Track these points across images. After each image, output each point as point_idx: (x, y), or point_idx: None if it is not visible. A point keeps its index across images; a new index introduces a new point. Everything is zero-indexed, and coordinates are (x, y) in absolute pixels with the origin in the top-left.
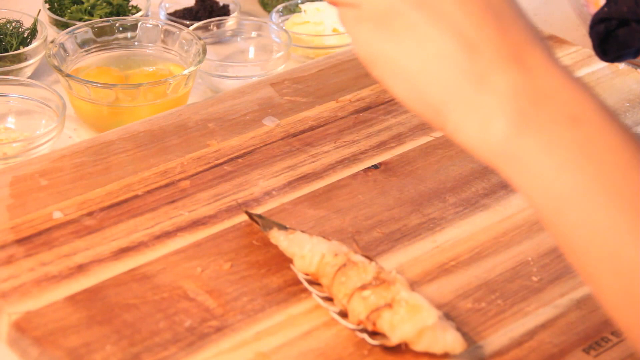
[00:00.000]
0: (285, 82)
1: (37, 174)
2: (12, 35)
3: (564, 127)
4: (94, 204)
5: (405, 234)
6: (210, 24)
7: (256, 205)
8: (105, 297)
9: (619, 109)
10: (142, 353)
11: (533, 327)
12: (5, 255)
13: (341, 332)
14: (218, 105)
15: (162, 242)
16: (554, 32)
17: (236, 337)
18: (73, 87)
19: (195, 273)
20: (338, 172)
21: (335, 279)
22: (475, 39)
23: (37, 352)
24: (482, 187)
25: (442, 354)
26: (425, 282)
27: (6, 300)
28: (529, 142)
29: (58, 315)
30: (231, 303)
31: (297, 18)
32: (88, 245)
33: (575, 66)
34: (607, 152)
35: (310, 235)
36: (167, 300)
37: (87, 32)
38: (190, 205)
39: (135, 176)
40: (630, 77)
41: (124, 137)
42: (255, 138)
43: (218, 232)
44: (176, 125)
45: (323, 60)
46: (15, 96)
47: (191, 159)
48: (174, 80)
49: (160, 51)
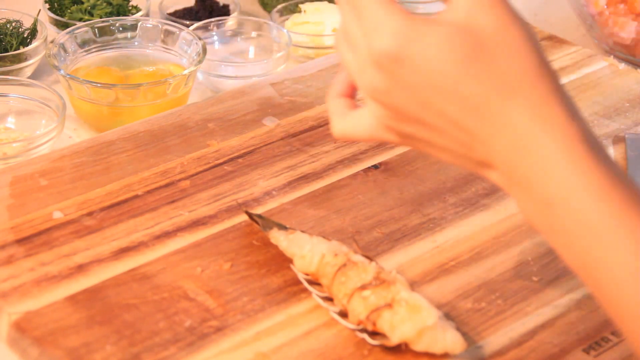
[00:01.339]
0: (285, 82)
1: (37, 174)
2: (12, 35)
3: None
4: (94, 204)
5: (405, 234)
6: (210, 24)
7: (256, 205)
8: (105, 297)
9: (619, 109)
10: (142, 353)
11: (533, 327)
12: (5, 255)
13: (341, 332)
14: (218, 105)
15: (162, 242)
16: (554, 32)
17: (236, 337)
18: (73, 87)
19: (195, 273)
20: (338, 172)
21: (335, 279)
22: (468, 140)
23: (37, 352)
24: (482, 187)
25: (442, 354)
26: (425, 282)
27: (6, 300)
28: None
29: (58, 315)
30: (231, 303)
31: (297, 18)
32: (88, 245)
33: (575, 66)
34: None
35: (310, 235)
36: (167, 300)
37: (87, 32)
38: (190, 205)
39: (135, 176)
40: (630, 77)
41: (124, 137)
42: (255, 138)
43: (218, 232)
44: (176, 125)
45: (323, 60)
46: (15, 96)
47: (191, 159)
48: (174, 80)
49: (160, 51)
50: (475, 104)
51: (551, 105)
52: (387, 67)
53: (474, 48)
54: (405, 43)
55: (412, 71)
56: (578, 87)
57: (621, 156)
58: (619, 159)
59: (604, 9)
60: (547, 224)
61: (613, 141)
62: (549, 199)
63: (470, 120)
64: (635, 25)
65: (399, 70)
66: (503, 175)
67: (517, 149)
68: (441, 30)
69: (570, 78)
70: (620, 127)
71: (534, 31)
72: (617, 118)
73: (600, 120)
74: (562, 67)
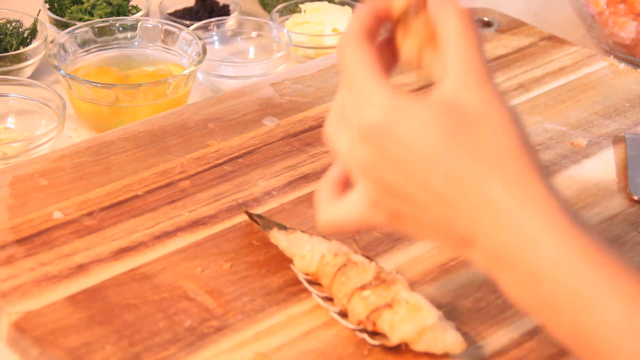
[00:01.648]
0: (285, 82)
1: (37, 174)
2: (12, 35)
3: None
4: (94, 204)
5: (405, 233)
6: (210, 24)
7: (256, 205)
8: (105, 297)
9: (619, 109)
10: (142, 353)
11: (533, 327)
12: (5, 255)
13: (341, 332)
14: (218, 105)
15: (162, 242)
16: (554, 32)
17: (236, 337)
18: (73, 87)
19: (195, 273)
20: None
21: (335, 279)
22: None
23: (37, 352)
24: None
25: (442, 354)
26: (425, 282)
27: (6, 300)
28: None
29: (58, 315)
30: (231, 303)
31: (297, 18)
32: (88, 245)
33: (575, 66)
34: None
35: (310, 235)
36: (167, 300)
37: (87, 32)
38: (190, 205)
39: (135, 176)
40: (630, 77)
41: (124, 137)
42: (255, 138)
43: (218, 232)
44: (176, 125)
45: (323, 60)
46: (15, 96)
47: (191, 159)
48: (174, 80)
49: (160, 51)
50: (457, 176)
51: (531, 180)
52: (374, 139)
53: (458, 123)
54: (391, 116)
55: (397, 143)
56: (578, 87)
57: (621, 156)
58: (619, 159)
59: (604, 9)
60: (535, 299)
61: (613, 141)
62: (536, 271)
63: (452, 193)
64: (635, 25)
65: (385, 142)
66: (486, 253)
67: (499, 223)
68: (427, 105)
69: (570, 78)
70: (620, 127)
71: (518, 112)
72: (617, 118)
73: (600, 120)
74: (562, 67)
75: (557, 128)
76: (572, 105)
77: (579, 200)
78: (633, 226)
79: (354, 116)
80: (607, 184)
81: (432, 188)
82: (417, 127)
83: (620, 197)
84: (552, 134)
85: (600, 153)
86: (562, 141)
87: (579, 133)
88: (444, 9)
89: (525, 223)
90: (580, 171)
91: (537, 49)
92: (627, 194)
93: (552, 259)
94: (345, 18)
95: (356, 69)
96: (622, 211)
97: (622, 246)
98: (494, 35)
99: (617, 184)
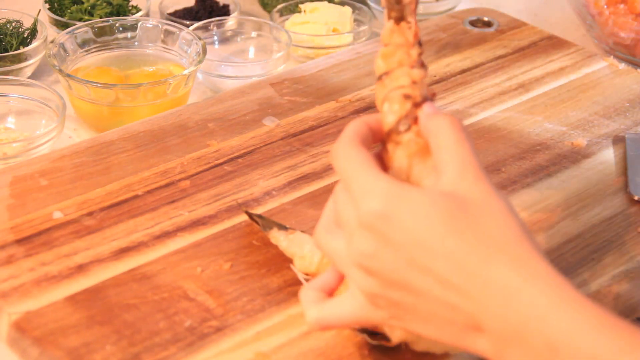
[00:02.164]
0: (285, 82)
1: (37, 174)
2: (12, 35)
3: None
4: (94, 204)
5: None
6: (210, 24)
7: (256, 205)
8: (105, 297)
9: (619, 109)
10: (142, 353)
11: None
12: (5, 255)
13: (341, 332)
14: (218, 105)
15: (162, 242)
16: (554, 32)
17: (236, 337)
18: (73, 87)
19: (195, 273)
20: None
21: None
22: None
23: (37, 352)
24: None
25: (442, 354)
26: None
27: (6, 300)
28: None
29: (58, 315)
30: (231, 303)
31: (297, 18)
32: (88, 245)
33: (575, 66)
34: None
35: (310, 235)
36: (167, 300)
37: (87, 32)
38: (190, 205)
39: (135, 176)
40: (630, 77)
41: (124, 137)
42: (255, 138)
43: (218, 232)
44: (176, 125)
45: (323, 60)
46: (15, 96)
47: (191, 159)
48: (174, 80)
49: (160, 51)
50: (461, 259)
51: (537, 260)
52: (375, 226)
53: (459, 209)
54: (392, 202)
55: (399, 229)
56: (578, 87)
57: (621, 156)
58: (619, 159)
59: (604, 9)
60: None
61: (613, 141)
62: (553, 343)
63: (456, 275)
64: (635, 25)
65: (387, 228)
66: (493, 335)
67: (508, 302)
68: (427, 192)
69: (570, 78)
70: (620, 127)
71: (512, 205)
72: (617, 118)
73: (600, 120)
74: (562, 67)
75: (557, 128)
76: (572, 105)
77: (579, 200)
78: (633, 226)
79: (352, 214)
80: (607, 184)
81: (436, 271)
82: (418, 211)
83: (620, 197)
84: (552, 134)
85: (600, 153)
86: (562, 141)
87: (579, 133)
88: (436, 119)
89: (536, 298)
90: (580, 171)
91: (537, 49)
92: (627, 194)
93: (568, 329)
94: (345, 18)
95: (352, 167)
96: (622, 211)
97: (622, 246)
98: (494, 35)
99: (617, 184)
